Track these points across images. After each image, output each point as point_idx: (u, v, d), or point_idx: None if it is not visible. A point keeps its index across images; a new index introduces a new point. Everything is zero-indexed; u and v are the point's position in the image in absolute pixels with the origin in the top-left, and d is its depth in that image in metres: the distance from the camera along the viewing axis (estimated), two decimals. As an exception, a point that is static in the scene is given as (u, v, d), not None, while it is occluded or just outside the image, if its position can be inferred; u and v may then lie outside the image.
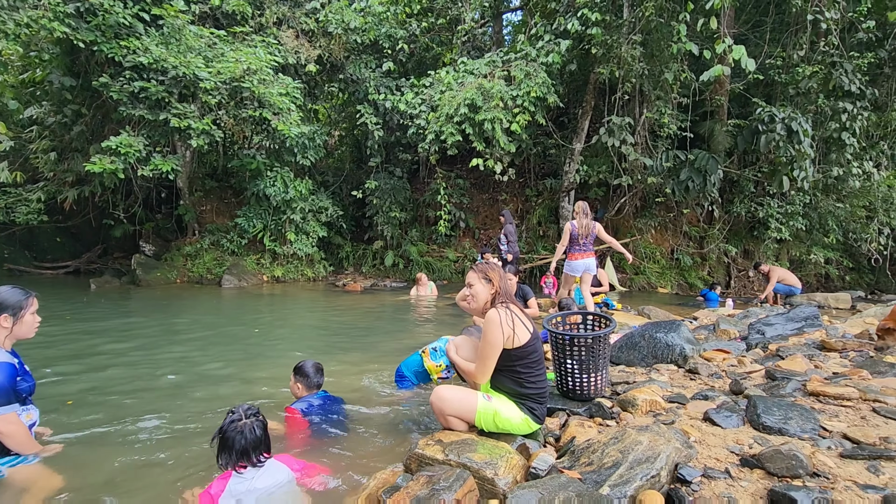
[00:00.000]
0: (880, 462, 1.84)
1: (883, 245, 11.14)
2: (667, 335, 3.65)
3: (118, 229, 11.80)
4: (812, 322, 4.23)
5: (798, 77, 9.63)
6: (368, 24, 11.13)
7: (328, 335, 5.80)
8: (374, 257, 12.60)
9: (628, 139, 9.76)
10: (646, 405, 2.58)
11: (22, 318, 2.31)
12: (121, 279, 10.62)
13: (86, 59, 8.79)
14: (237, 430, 2.00)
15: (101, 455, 2.55)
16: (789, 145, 9.17)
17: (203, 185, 12.07)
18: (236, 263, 10.85)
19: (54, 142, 10.05)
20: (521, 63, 9.69)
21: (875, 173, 10.19)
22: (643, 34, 9.24)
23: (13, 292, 2.33)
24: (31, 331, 2.37)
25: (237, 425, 2.01)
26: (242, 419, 2.03)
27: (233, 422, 2.02)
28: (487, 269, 2.53)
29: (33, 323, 2.37)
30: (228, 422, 2.03)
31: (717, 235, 11.20)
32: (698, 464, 1.93)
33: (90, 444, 2.68)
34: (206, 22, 10.14)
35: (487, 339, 2.34)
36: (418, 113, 10.40)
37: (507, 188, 13.08)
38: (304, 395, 2.97)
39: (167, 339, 5.28)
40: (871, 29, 9.45)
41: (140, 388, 3.63)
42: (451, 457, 2.06)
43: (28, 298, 2.35)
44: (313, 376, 3.00)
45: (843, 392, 2.50)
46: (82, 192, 9.99)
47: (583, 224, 5.84)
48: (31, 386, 2.39)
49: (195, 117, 8.69)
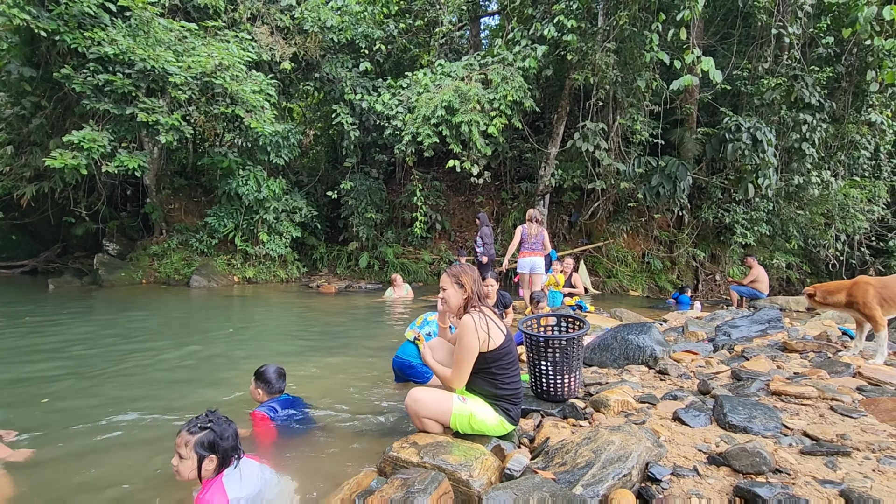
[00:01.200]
0: (837, 458, 1.92)
1: (839, 251, 11.67)
2: (638, 337, 3.73)
3: (80, 227, 11.30)
4: (775, 324, 4.40)
5: (763, 88, 10.02)
6: (345, 23, 11.02)
7: (301, 337, 5.70)
8: (348, 259, 12.46)
9: (602, 144, 9.96)
10: (618, 405, 2.63)
11: None
12: (82, 279, 10.18)
13: (47, 49, 8.40)
14: (223, 426, 1.94)
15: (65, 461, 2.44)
16: (754, 154, 9.53)
17: (171, 182, 11.70)
18: (206, 264, 10.55)
19: (11, 135, 9.56)
20: (498, 67, 9.77)
21: (833, 182, 10.68)
22: (617, 42, 9.45)
23: None
24: None
25: (221, 422, 1.96)
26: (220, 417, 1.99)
27: (215, 421, 1.96)
28: (460, 273, 2.52)
29: None
30: (208, 420, 1.95)
31: (686, 240, 11.53)
32: (668, 462, 1.98)
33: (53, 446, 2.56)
34: (177, 15, 9.85)
35: (463, 345, 2.34)
36: (395, 114, 10.35)
37: (483, 191, 13.15)
38: (266, 399, 2.89)
39: (128, 342, 5.08)
40: (829, 45, 9.93)
41: (101, 393, 3.49)
42: (426, 459, 2.04)
43: None
44: (275, 382, 2.91)
45: (804, 391, 2.60)
46: (41, 188, 9.52)
47: (532, 228, 6.65)
48: None
49: (164, 112, 8.41)
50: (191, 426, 1.92)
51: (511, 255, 6.91)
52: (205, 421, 1.94)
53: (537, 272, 6.76)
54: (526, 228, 6.66)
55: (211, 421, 1.95)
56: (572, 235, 12.27)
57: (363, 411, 3.16)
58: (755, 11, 9.64)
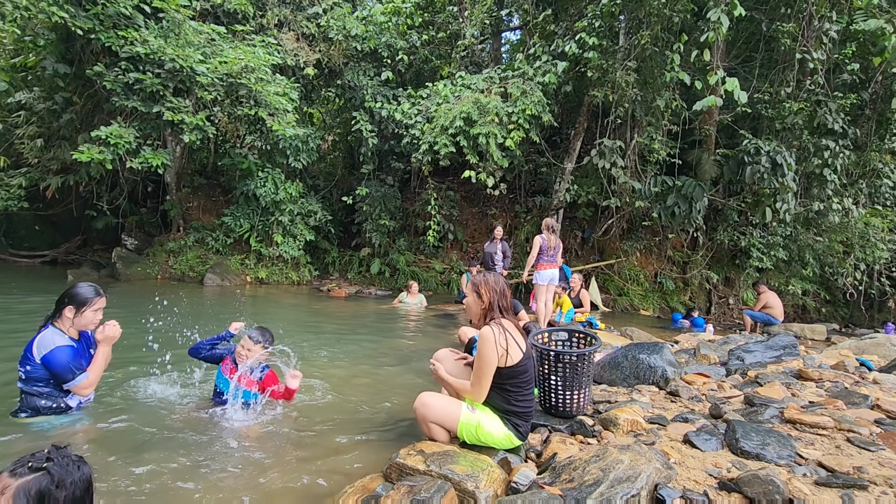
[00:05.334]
0: (853, 491, 1.88)
1: (858, 280, 11.43)
2: (649, 357, 3.69)
3: (100, 221, 11.55)
4: (790, 351, 4.32)
5: (784, 112, 9.94)
6: (369, 33, 11.21)
7: (310, 339, 5.73)
8: (360, 264, 12.52)
9: (618, 162, 9.94)
10: (627, 425, 2.60)
11: (83, 312, 2.69)
12: (99, 272, 10.37)
13: (81, 47, 8.67)
14: (66, 469, 1.26)
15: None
16: (773, 178, 9.42)
17: (191, 181, 11.92)
18: (220, 262, 10.69)
19: (42, 128, 9.84)
20: (517, 81, 9.84)
21: (854, 210, 10.51)
22: (638, 61, 9.48)
23: (86, 289, 2.74)
24: (90, 325, 2.76)
25: (65, 463, 1.27)
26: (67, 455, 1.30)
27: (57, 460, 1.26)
28: (481, 283, 2.50)
29: (93, 319, 2.74)
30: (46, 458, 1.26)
31: (700, 262, 11.40)
32: (677, 485, 1.95)
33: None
34: (207, 19, 10.11)
35: (482, 357, 2.33)
36: (413, 123, 10.45)
37: (497, 203, 13.17)
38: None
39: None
40: (854, 71, 9.83)
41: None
42: (433, 468, 2.04)
43: (95, 297, 2.72)
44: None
45: (819, 421, 2.55)
46: (66, 180, 9.78)
47: (551, 239, 6.44)
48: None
49: (189, 112, 8.61)
50: (16, 466, 1.24)
51: (530, 266, 6.68)
52: (40, 460, 1.25)
53: (555, 283, 6.59)
54: (545, 239, 6.43)
55: (50, 460, 1.26)
56: (585, 252, 12.21)
57: (370, 416, 3.17)
58: (779, 36, 9.60)
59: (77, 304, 2.67)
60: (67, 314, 2.66)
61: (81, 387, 2.68)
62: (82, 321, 2.70)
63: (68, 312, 2.66)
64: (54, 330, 2.66)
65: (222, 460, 2.42)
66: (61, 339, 2.64)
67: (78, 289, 2.72)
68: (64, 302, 2.68)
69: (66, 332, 2.68)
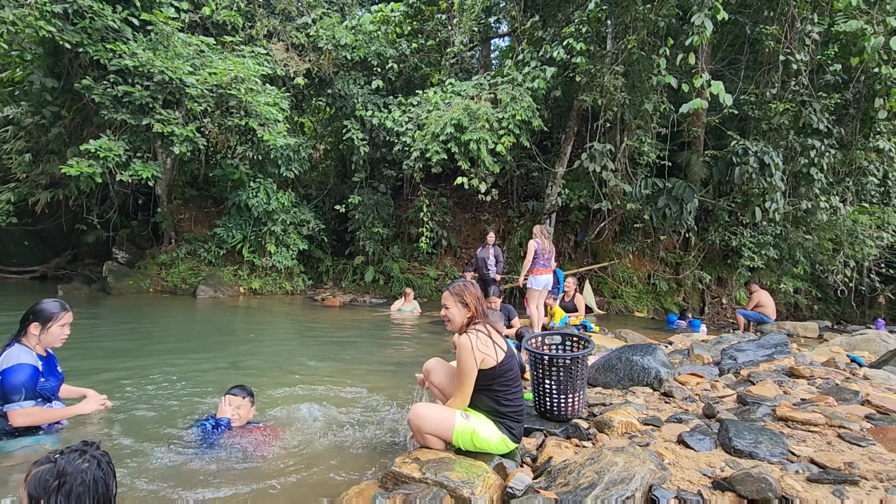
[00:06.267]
0: (845, 487, 1.90)
1: (848, 277, 11.56)
2: (643, 358, 3.71)
3: (91, 235, 11.45)
4: (781, 349, 4.35)
5: (770, 113, 10.08)
6: (359, 42, 11.26)
7: (305, 350, 5.71)
8: (354, 272, 12.50)
9: (609, 165, 10.02)
10: (622, 427, 2.61)
11: (49, 328, 2.62)
12: (90, 286, 10.28)
13: (69, 60, 8.65)
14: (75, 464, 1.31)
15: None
16: (761, 178, 9.54)
17: (183, 193, 11.86)
18: (213, 274, 10.63)
19: (30, 143, 9.77)
20: (507, 87, 9.92)
21: (841, 208, 10.65)
22: (625, 65, 9.59)
23: (50, 304, 2.67)
24: (57, 341, 2.68)
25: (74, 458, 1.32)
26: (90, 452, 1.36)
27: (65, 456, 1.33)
28: (464, 292, 2.49)
29: (59, 335, 2.67)
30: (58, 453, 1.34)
31: (692, 262, 11.48)
32: (672, 486, 1.96)
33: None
34: (196, 31, 10.11)
35: (461, 367, 2.35)
36: (405, 130, 10.49)
37: (489, 208, 13.21)
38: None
39: (136, 348, 5.12)
40: (837, 72, 10.00)
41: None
42: (428, 475, 2.04)
43: (60, 312, 2.66)
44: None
45: (811, 418, 2.57)
46: (56, 194, 9.70)
47: (545, 243, 6.45)
48: (55, 387, 2.69)
49: (179, 124, 8.59)
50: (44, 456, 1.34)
51: (526, 270, 6.64)
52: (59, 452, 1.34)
53: (549, 288, 6.62)
54: (540, 244, 6.42)
55: (61, 454, 1.32)
56: (578, 255, 12.26)
57: (365, 425, 3.16)
58: (762, 38, 9.76)
59: (42, 321, 2.60)
60: (33, 331, 2.60)
61: (17, 413, 2.49)
62: (48, 337, 2.63)
63: (34, 329, 2.60)
64: (21, 347, 2.59)
65: (213, 473, 2.41)
66: (27, 356, 2.56)
67: (43, 305, 2.65)
68: (29, 319, 2.61)
69: (32, 348, 2.61)
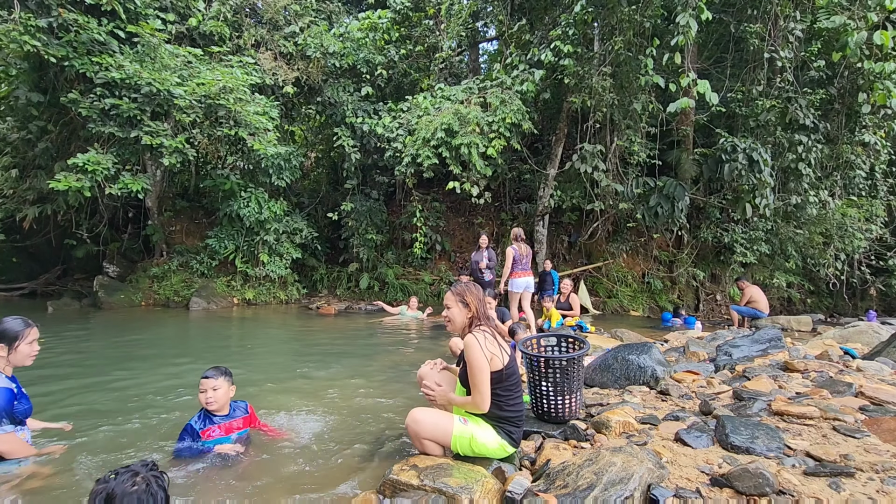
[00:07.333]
0: (841, 479, 1.90)
1: (839, 270, 11.67)
2: (639, 357, 3.72)
3: (80, 249, 11.32)
4: (776, 344, 4.38)
5: (757, 110, 10.19)
6: (347, 49, 11.27)
7: (301, 359, 5.67)
8: (348, 280, 12.45)
9: (600, 166, 10.08)
10: (619, 427, 2.61)
11: (17, 348, 2.50)
12: (81, 302, 10.16)
13: (55, 74, 8.58)
14: (125, 485, 1.39)
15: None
16: (751, 174, 9.63)
17: (173, 205, 11.78)
18: (206, 285, 10.54)
19: (16, 159, 9.68)
20: (496, 90, 9.96)
21: (830, 202, 10.76)
22: (613, 66, 9.66)
23: (13, 323, 2.55)
24: (27, 360, 2.56)
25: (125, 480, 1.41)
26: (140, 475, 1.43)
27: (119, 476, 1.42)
28: (465, 292, 2.50)
29: (29, 353, 2.56)
30: (112, 474, 1.43)
31: (685, 260, 11.55)
32: (670, 484, 1.96)
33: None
34: (183, 42, 10.08)
35: (473, 365, 2.32)
36: (395, 136, 10.49)
37: (482, 212, 13.23)
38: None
39: (125, 361, 5.06)
40: (821, 68, 10.14)
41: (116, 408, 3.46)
42: (427, 482, 2.02)
43: (25, 329, 2.55)
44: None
45: (806, 411, 2.58)
46: (44, 210, 9.59)
47: (522, 248, 6.84)
48: (27, 409, 2.59)
49: (168, 135, 8.54)
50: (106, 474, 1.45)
51: (506, 277, 7.03)
52: (117, 472, 1.43)
53: (530, 290, 6.98)
54: (517, 249, 6.84)
55: (116, 475, 1.41)
56: (572, 256, 12.30)
57: (363, 432, 3.13)
58: (747, 36, 9.88)
59: (8, 341, 2.50)
60: (0, 353, 2.50)
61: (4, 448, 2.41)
62: (17, 357, 2.53)
63: (1, 351, 2.49)
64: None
65: (209, 484, 2.37)
66: (1, 380, 2.46)
67: (5, 325, 2.53)
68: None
69: (2, 370, 2.52)
